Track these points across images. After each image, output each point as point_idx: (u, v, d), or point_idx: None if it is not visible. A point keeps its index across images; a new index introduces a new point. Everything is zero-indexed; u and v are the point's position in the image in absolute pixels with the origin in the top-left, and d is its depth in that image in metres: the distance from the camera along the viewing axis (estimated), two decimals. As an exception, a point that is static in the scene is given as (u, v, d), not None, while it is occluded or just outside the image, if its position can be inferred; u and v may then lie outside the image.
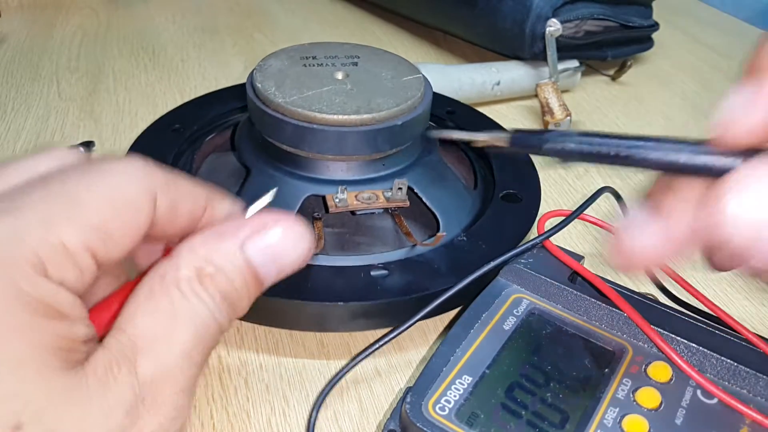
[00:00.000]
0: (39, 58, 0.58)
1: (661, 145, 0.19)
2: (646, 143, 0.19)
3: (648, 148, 0.19)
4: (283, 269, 0.21)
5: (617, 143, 0.20)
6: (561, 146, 0.20)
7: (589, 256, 0.38)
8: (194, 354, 0.19)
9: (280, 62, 0.36)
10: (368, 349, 0.28)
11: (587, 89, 0.58)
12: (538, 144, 0.21)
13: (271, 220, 0.21)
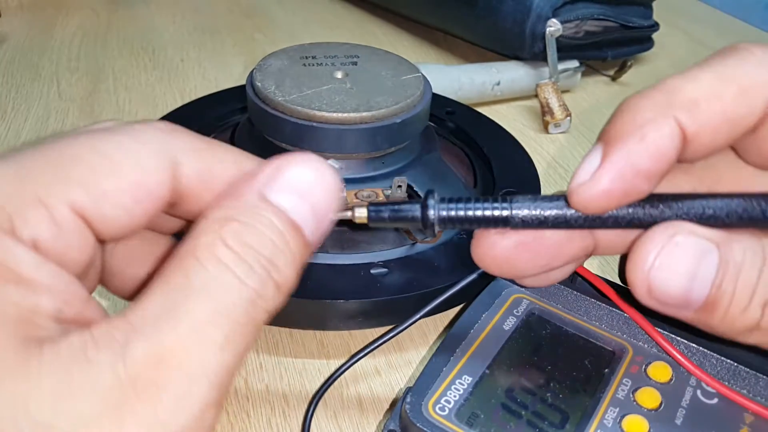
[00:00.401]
0: (39, 58, 0.58)
1: (532, 202, 0.19)
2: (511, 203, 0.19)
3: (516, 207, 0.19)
4: (319, 209, 0.18)
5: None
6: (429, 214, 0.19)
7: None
8: (213, 330, 0.15)
9: (280, 62, 0.36)
10: (367, 348, 0.28)
11: (587, 89, 0.58)
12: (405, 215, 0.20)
13: (283, 159, 0.18)
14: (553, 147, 0.49)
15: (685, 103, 0.18)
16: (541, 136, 0.50)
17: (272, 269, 0.16)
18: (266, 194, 0.17)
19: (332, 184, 0.18)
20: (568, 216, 0.19)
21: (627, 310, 0.27)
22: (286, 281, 0.17)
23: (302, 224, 0.17)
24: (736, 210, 0.18)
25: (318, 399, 0.27)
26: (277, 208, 0.17)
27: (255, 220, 0.17)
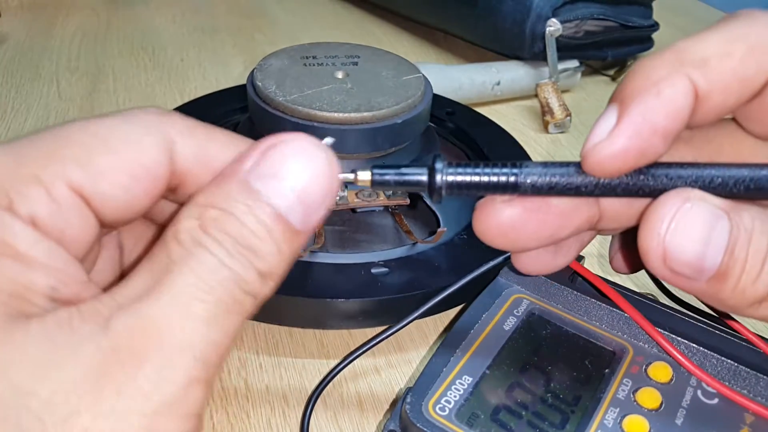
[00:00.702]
0: (39, 58, 0.58)
1: (544, 169, 0.19)
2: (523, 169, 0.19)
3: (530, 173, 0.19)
4: (308, 195, 0.17)
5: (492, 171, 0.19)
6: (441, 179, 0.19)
7: (590, 256, 0.38)
8: (196, 304, 0.15)
9: (280, 62, 0.36)
10: (365, 346, 0.28)
11: (587, 89, 0.58)
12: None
13: (270, 142, 0.17)
14: (553, 147, 0.49)
15: (696, 61, 0.18)
16: (541, 136, 0.50)
17: (253, 258, 0.16)
18: (249, 181, 0.17)
19: (322, 166, 0.17)
20: (579, 182, 0.18)
21: (627, 309, 0.27)
22: (271, 270, 0.16)
23: (287, 213, 0.17)
24: (744, 179, 0.18)
25: (315, 399, 0.27)
26: (258, 197, 0.16)
27: (234, 209, 0.16)
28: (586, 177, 0.18)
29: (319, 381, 0.28)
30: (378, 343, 0.28)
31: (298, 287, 0.30)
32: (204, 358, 0.15)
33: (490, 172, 0.18)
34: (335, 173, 0.17)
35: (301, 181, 0.17)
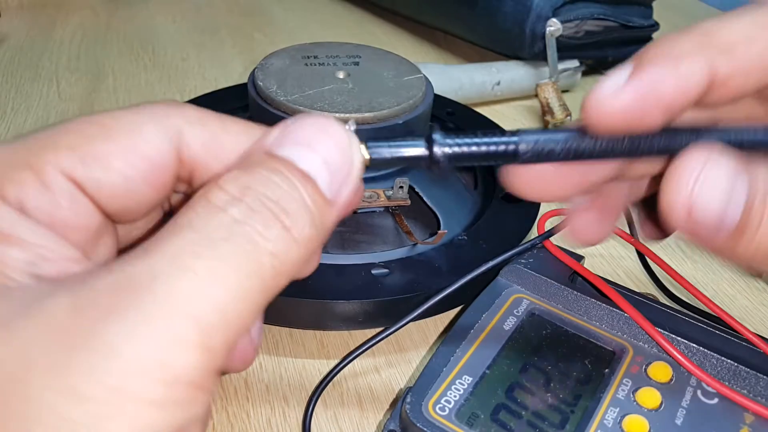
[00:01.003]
0: (39, 58, 0.58)
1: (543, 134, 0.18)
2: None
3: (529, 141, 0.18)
4: (333, 162, 0.16)
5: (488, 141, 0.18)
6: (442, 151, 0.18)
7: (590, 256, 0.38)
8: (191, 262, 0.14)
9: (281, 61, 0.36)
10: (364, 345, 0.28)
11: (587, 89, 0.57)
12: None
13: (290, 120, 0.17)
14: (553, 147, 0.49)
15: (722, 45, 0.18)
16: (541, 136, 0.50)
17: (280, 212, 0.15)
18: (273, 150, 0.16)
19: (343, 137, 0.17)
20: (579, 147, 0.18)
21: (627, 309, 0.27)
22: (301, 229, 0.15)
23: (315, 175, 0.16)
24: (758, 136, 0.18)
25: (317, 397, 0.27)
26: (284, 160, 0.16)
27: (257, 167, 0.16)
28: (586, 141, 0.18)
29: (321, 379, 0.28)
30: (379, 341, 0.28)
31: (298, 288, 0.30)
32: (200, 319, 0.14)
33: (489, 141, 0.18)
34: (356, 146, 0.17)
35: (325, 149, 0.16)
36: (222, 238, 0.14)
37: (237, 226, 0.14)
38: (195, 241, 0.14)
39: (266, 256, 0.15)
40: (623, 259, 0.38)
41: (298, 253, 0.15)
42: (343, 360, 0.28)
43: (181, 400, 0.14)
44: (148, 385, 0.13)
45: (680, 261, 0.38)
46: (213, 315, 0.14)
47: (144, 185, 0.17)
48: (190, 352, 0.13)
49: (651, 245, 0.37)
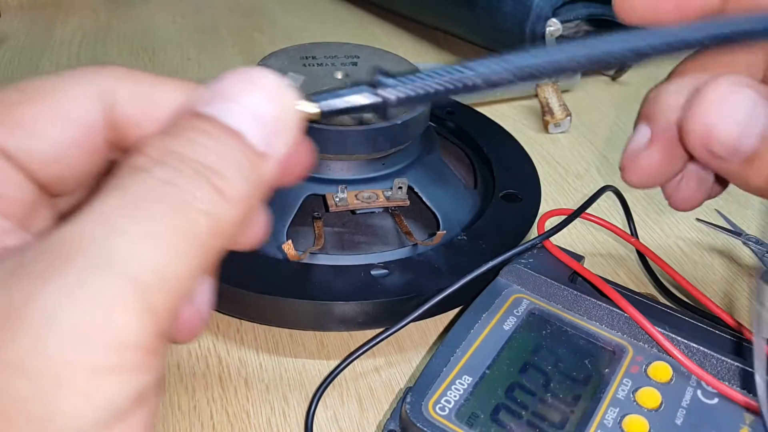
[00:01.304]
0: (39, 58, 0.58)
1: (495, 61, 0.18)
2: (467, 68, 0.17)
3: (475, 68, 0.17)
4: (263, 113, 0.16)
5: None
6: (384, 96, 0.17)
7: (590, 256, 0.38)
8: (120, 222, 0.13)
9: (280, 62, 0.36)
10: (365, 346, 0.28)
11: (587, 89, 0.58)
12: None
13: (219, 77, 0.16)
14: (553, 147, 0.49)
15: None
16: (541, 136, 0.50)
17: (207, 171, 0.15)
18: (199, 109, 0.16)
19: (273, 86, 0.16)
20: (539, 64, 0.18)
21: (627, 309, 0.27)
22: (233, 187, 0.15)
23: (242, 129, 0.15)
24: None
25: (319, 397, 0.27)
26: (209, 119, 0.15)
27: (181, 130, 0.15)
28: (548, 57, 0.18)
29: (323, 380, 0.28)
30: (379, 342, 0.28)
31: (298, 289, 0.30)
32: (138, 280, 0.13)
33: (437, 74, 0.17)
34: (289, 95, 0.17)
35: (253, 100, 0.16)
36: (151, 199, 0.14)
37: (165, 186, 0.14)
38: (124, 202, 0.14)
39: (199, 215, 0.14)
40: (623, 259, 0.38)
41: (234, 212, 0.15)
42: (345, 360, 0.28)
43: (132, 366, 0.13)
44: (92, 352, 0.13)
45: (680, 261, 0.38)
46: (151, 276, 0.13)
47: (76, 149, 0.16)
48: (131, 314, 0.13)
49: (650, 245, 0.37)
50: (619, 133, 0.51)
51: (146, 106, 0.17)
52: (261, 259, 0.31)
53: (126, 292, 0.13)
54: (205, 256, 0.15)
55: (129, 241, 0.13)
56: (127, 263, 0.13)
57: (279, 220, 0.32)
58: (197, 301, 0.19)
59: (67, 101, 0.16)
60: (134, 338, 0.13)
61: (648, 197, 0.44)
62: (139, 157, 0.15)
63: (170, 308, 0.14)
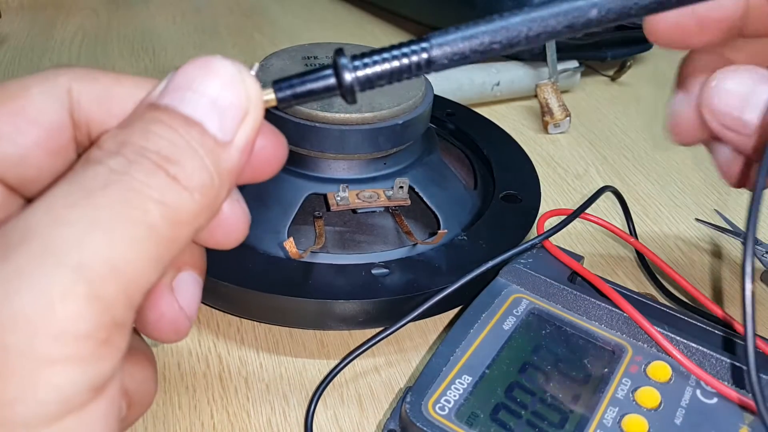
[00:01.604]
0: (39, 59, 0.58)
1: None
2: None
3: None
4: (221, 101, 0.16)
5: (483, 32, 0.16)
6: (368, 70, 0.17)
7: (589, 256, 0.38)
8: (67, 213, 0.13)
9: (281, 62, 0.36)
10: (365, 345, 0.28)
11: (587, 89, 0.58)
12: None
13: (177, 68, 0.16)
14: (553, 147, 0.49)
15: None
16: (541, 136, 0.50)
17: (162, 161, 0.14)
18: (156, 101, 0.16)
19: (231, 73, 0.16)
20: (507, 37, 0.16)
21: (626, 309, 0.27)
22: (190, 176, 0.15)
23: (200, 118, 0.15)
24: None
25: (319, 396, 0.27)
26: (166, 109, 0.15)
27: (137, 121, 0.15)
28: (514, 31, 0.16)
29: (322, 379, 0.28)
30: (379, 341, 0.28)
31: (299, 288, 0.30)
32: (83, 268, 0.13)
33: (399, 53, 0.17)
34: (249, 81, 0.16)
35: (211, 88, 0.16)
36: (99, 187, 0.14)
37: (115, 175, 0.14)
38: (70, 192, 0.13)
39: (152, 203, 0.14)
40: (622, 259, 0.38)
41: (195, 201, 0.15)
42: (344, 359, 0.28)
43: (82, 356, 0.13)
44: (36, 341, 0.12)
45: (680, 261, 0.38)
46: (98, 264, 0.13)
47: (39, 150, 0.16)
48: (78, 303, 0.13)
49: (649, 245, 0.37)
50: (618, 133, 0.51)
51: (108, 103, 0.17)
52: (262, 258, 0.31)
53: (70, 281, 0.13)
54: (165, 246, 0.14)
55: (74, 230, 0.13)
56: (70, 253, 0.13)
57: (280, 218, 0.32)
58: (182, 298, 0.19)
59: (27, 104, 0.16)
60: (83, 328, 0.13)
61: (648, 197, 0.44)
62: (94, 150, 0.14)
63: (125, 298, 0.14)
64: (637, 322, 0.27)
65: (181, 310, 0.19)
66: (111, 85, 0.17)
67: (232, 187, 0.16)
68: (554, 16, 0.16)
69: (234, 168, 0.16)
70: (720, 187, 0.46)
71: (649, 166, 0.47)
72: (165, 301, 0.18)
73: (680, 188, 0.45)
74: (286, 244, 0.30)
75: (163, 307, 0.18)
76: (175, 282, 0.19)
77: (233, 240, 0.19)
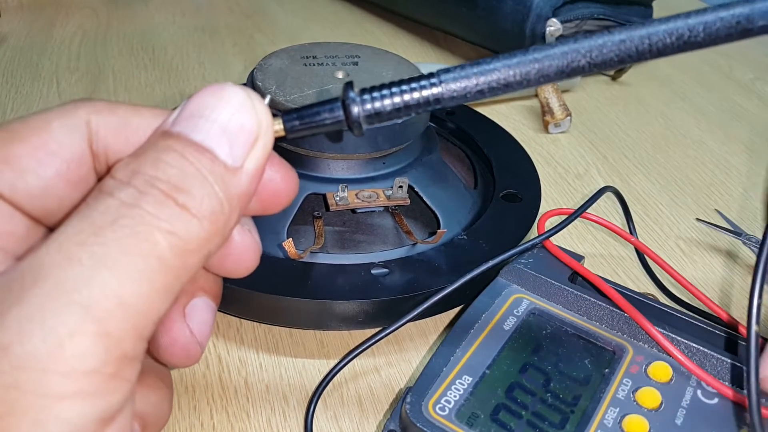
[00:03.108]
0: (39, 58, 0.58)
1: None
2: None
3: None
4: (232, 127, 0.16)
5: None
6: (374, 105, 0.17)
7: (590, 256, 0.38)
8: (76, 250, 0.14)
9: (280, 61, 0.36)
10: (364, 344, 0.28)
11: (587, 89, 0.58)
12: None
13: (191, 95, 0.17)
14: (553, 147, 0.49)
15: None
16: (541, 136, 0.50)
17: (171, 190, 0.15)
18: (169, 129, 0.16)
19: (242, 100, 0.16)
20: (512, 77, 0.17)
21: (627, 309, 0.27)
22: (199, 204, 0.15)
23: (211, 145, 0.16)
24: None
25: (318, 397, 0.27)
26: (178, 137, 0.15)
27: (149, 149, 0.15)
28: (520, 68, 0.17)
29: (321, 379, 0.28)
30: (379, 340, 0.28)
31: (298, 288, 0.30)
32: (91, 306, 0.13)
33: (407, 88, 0.17)
34: (260, 109, 0.16)
35: (222, 115, 0.16)
36: (108, 223, 0.14)
37: (125, 209, 0.14)
38: (81, 229, 0.14)
39: (161, 234, 0.14)
40: (623, 259, 0.38)
41: (204, 228, 0.15)
42: (344, 359, 0.28)
43: (90, 391, 0.13)
44: (46, 379, 0.13)
45: (680, 261, 0.38)
46: (106, 301, 0.13)
47: (60, 182, 0.17)
48: (86, 341, 0.13)
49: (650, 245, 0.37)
50: (619, 133, 0.51)
51: (125, 133, 0.17)
52: (261, 258, 0.31)
53: (80, 319, 0.13)
54: (174, 275, 0.15)
55: (84, 268, 0.13)
56: (78, 291, 0.13)
57: (279, 218, 0.32)
58: (194, 324, 0.19)
59: (50, 138, 0.16)
60: (90, 364, 0.13)
61: (648, 197, 0.44)
62: (107, 181, 0.15)
63: (134, 332, 0.14)
64: (638, 321, 0.27)
65: (193, 335, 0.19)
66: (129, 116, 0.17)
67: (241, 213, 0.17)
68: (547, 66, 0.17)
69: (243, 193, 0.16)
70: (720, 187, 0.46)
71: (650, 165, 0.47)
72: (177, 327, 0.19)
73: (681, 188, 0.45)
74: (285, 244, 0.30)
75: (175, 332, 0.19)
76: (189, 308, 0.19)
77: (244, 269, 0.19)
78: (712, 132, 0.53)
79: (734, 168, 0.48)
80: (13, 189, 0.16)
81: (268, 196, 0.18)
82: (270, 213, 0.19)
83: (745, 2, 0.16)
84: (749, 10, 0.16)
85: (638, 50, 0.17)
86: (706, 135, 0.52)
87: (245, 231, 0.19)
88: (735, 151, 0.50)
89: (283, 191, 0.19)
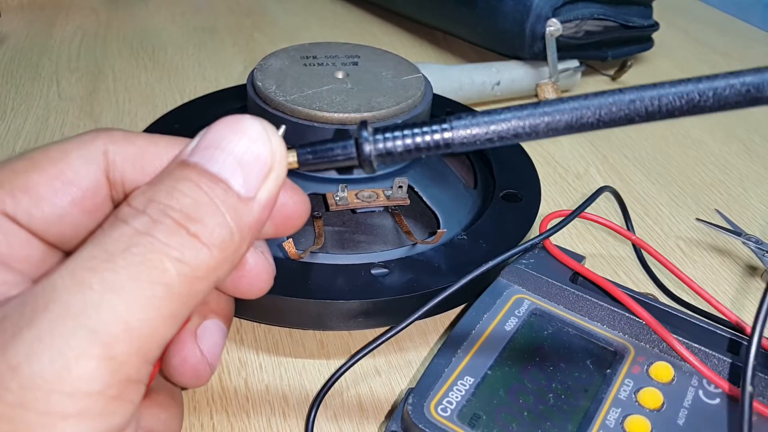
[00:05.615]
0: (39, 58, 0.57)
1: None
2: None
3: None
4: (247, 158, 0.16)
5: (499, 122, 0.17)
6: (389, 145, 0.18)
7: (590, 256, 0.38)
8: (87, 276, 0.14)
9: (280, 61, 0.36)
10: (367, 348, 0.28)
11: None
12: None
13: (209, 126, 0.17)
14: (554, 146, 0.49)
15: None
16: (541, 136, 0.50)
17: (184, 219, 0.15)
18: (186, 159, 0.16)
19: (258, 132, 0.17)
20: (521, 128, 0.17)
21: (632, 307, 0.27)
22: (210, 233, 0.15)
23: (226, 175, 0.16)
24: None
25: (321, 400, 0.27)
26: (194, 167, 0.16)
27: (165, 179, 0.16)
28: (529, 120, 0.17)
29: (323, 383, 0.28)
30: (383, 342, 0.28)
31: (298, 288, 0.30)
32: (98, 331, 0.14)
33: (420, 132, 0.18)
34: (275, 141, 0.17)
35: (237, 146, 0.16)
36: (120, 250, 0.14)
37: (138, 237, 0.15)
38: (93, 255, 0.14)
39: (170, 262, 0.15)
40: (623, 259, 0.38)
41: (213, 256, 0.15)
42: (347, 362, 0.28)
43: (93, 412, 0.14)
44: (51, 398, 0.14)
45: (680, 261, 0.38)
46: (112, 326, 0.14)
47: (76, 210, 0.17)
48: (91, 364, 0.14)
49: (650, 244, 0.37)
50: (619, 132, 0.51)
51: (142, 162, 0.18)
52: (261, 259, 0.31)
53: (87, 343, 0.14)
54: (182, 302, 0.15)
55: (93, 294, 0.14)
56: (88, 315, 0.14)
57: (279, 219, 0.32)
58: (204, 345, 0.20)
59: (67, 167, 0.17)
60: (95, 386, 0.14)
61: (648, 197, 0.44)
62: (123, 208, 0.15)
63: (139, 356, 0.15)
64: (644, 319, 0.27)
65: (203, 357, 0.20)
66: (145, 146, 0.18)
67: (253, 240, 0.17)
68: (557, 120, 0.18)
69: (255, 222, 0.17)
70: (720, 187, 0.46)
71: (650, 165, 0.47)
72: (187, 348, 0.19)
73: (681, 188, 0.45)
74: (285, 244, 0.30)
75: (185, 352, 0.19)
76: (200, 330, 0.20)
77: (258, 290, 0.20)
78: (712, 132, 0.53)
79: (734, 168, 0.48)
80: (30, 216, 0.17)
81: (281, 221, 0.19)
82: (283, 236, 0.20)
83: (756, 71, 0.16)
84: (759, 80, 0.16)
85: (648, 111, 0.18)
86: (706, 135, 0.52)
87: (258, 254, 0.19)
88: (735, 151, 0.50)
89: (295, 214, 0.19)
